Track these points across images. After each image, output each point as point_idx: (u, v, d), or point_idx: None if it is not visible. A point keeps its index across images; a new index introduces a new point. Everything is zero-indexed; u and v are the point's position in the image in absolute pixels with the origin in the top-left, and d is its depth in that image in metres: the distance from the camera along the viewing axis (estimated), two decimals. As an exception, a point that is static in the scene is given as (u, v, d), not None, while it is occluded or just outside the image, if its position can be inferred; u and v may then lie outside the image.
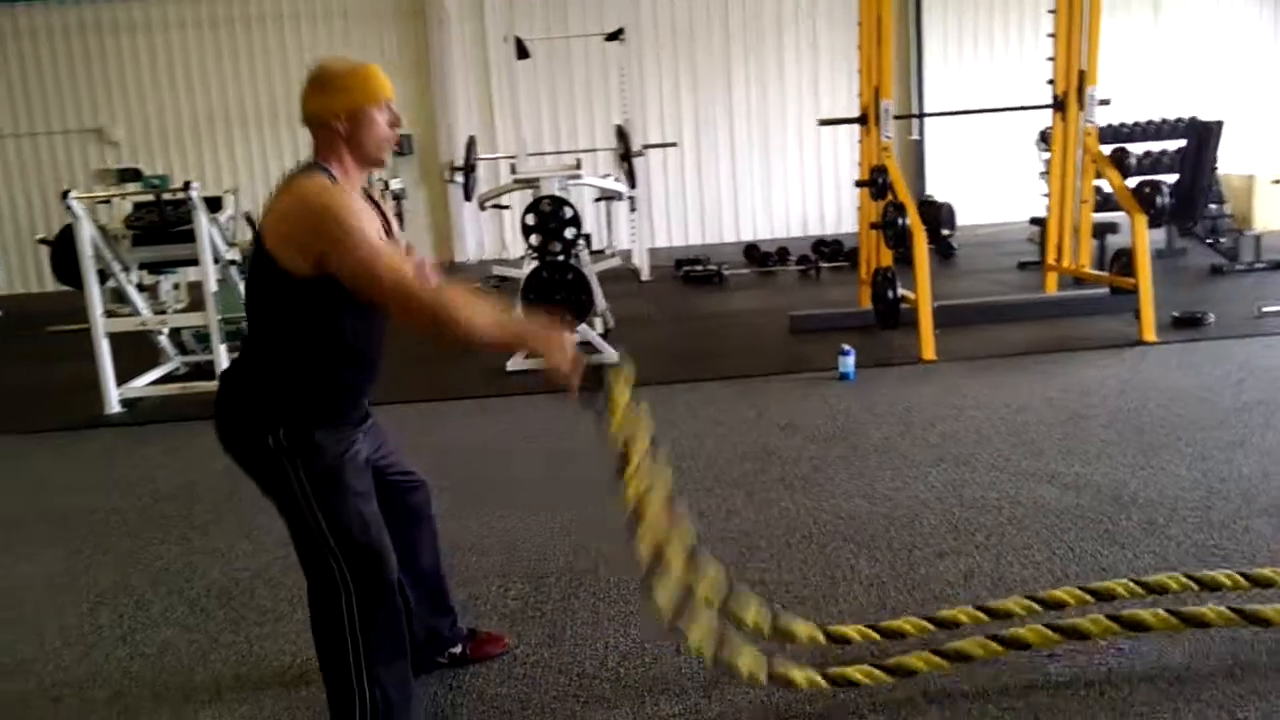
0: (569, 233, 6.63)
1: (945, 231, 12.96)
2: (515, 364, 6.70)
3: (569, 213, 6.62)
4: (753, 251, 12.26)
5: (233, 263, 6.89)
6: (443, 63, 14.61)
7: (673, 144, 13.27)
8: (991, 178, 14.90)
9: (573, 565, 3.52)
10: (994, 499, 3.86)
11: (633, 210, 11.87)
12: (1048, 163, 8.07)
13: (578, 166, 7.16)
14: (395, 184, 11.99)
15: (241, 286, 6.93)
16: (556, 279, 6.57)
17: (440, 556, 2.79)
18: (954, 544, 3.47)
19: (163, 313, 7.88)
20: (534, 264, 6.73)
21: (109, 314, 6.82)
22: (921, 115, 14.93)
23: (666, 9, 15.00)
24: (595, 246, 14.75)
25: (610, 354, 6.74)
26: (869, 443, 4.71)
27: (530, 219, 6.64)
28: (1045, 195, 7.89)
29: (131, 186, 8.32)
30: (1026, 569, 3.23)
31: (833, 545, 3.54)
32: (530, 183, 6.93)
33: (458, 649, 2.87)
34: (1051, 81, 7.40)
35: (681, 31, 15.06)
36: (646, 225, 12.68)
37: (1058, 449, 4.41)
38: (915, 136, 15.28)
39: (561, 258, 6.63)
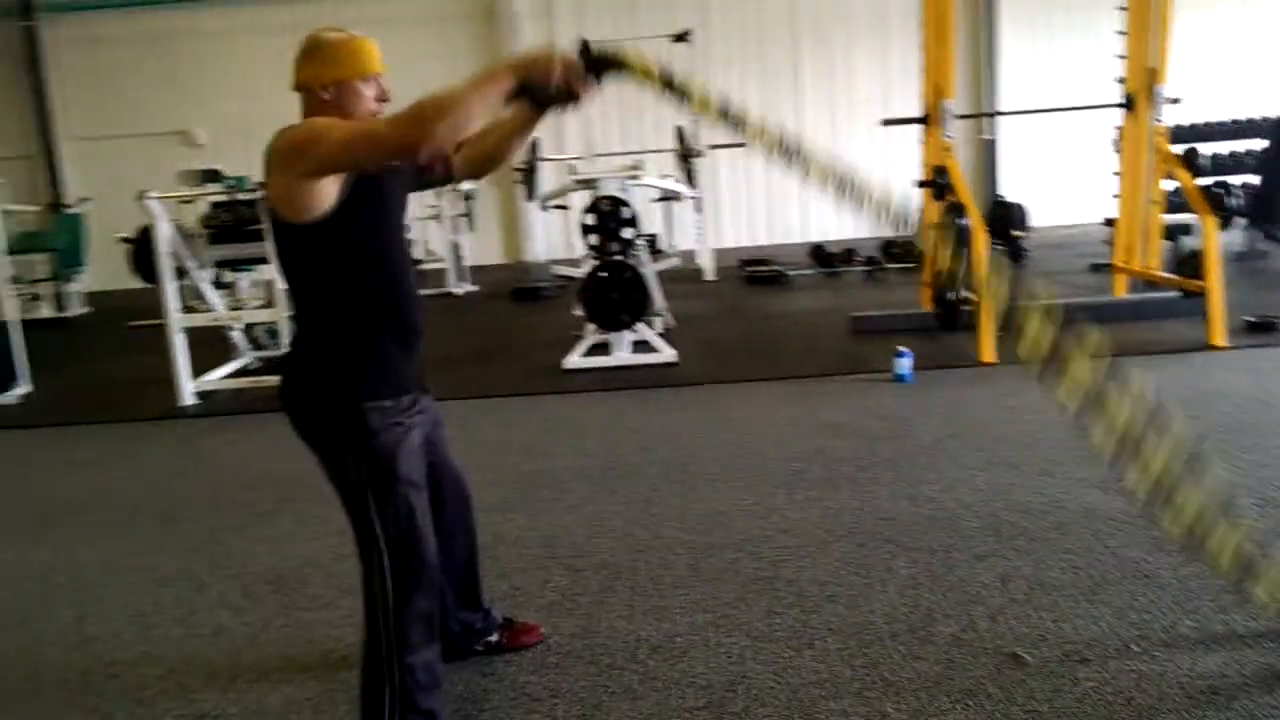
0: (627, 233, 6.70)
1: (1016, 233, 12.79)
2: (572, 362, 6.79)
3: (627, 213, 6.69)
4: (819, 252, 12.22)
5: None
6: (514, 65, 14.80)
7: (740, 144, 13.23)
8: (1069, 177, 14.61)
9: (611, 560, 3.57)
10: (1040, 503, 3.82)
11: (698, 210, 11.91)
12: (1121, 163, 7.90)
13: (637, 167, 7.23)
14: (465, 183, 12.20)
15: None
16: (614, 278, 6.64)
17: (476, 552, 2.86)
18: (994, 547, 3.45)
19: (240, 309, 8.15)
20: (593, 263, 6.82)
21: (189, 309, 7.10)
22: (993, 114, 14.69)
23: (736, 10, 15.00)
24: (661, 247, 14.88)
25: (668, 353, 6.80)
26: (918, 445, 4.68)
27: (589, 219, 6.73)
28: (1115, 196, 7.73)
29: (213, 186, 8.63)
30: (1066, 574, 3.20)
31: (871, 545, 3.54)
32: (589, 183, 7.01)
33: (494, 638, 2.94)
34: (1121, 80, 7.25)
35: (750, 32, 15.06)
36: (712, 225, 12.71)
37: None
38: (988, 136, 15.05)
39: (620, 257, 6.70)
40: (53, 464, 5.57)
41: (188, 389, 6.66)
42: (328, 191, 2.18)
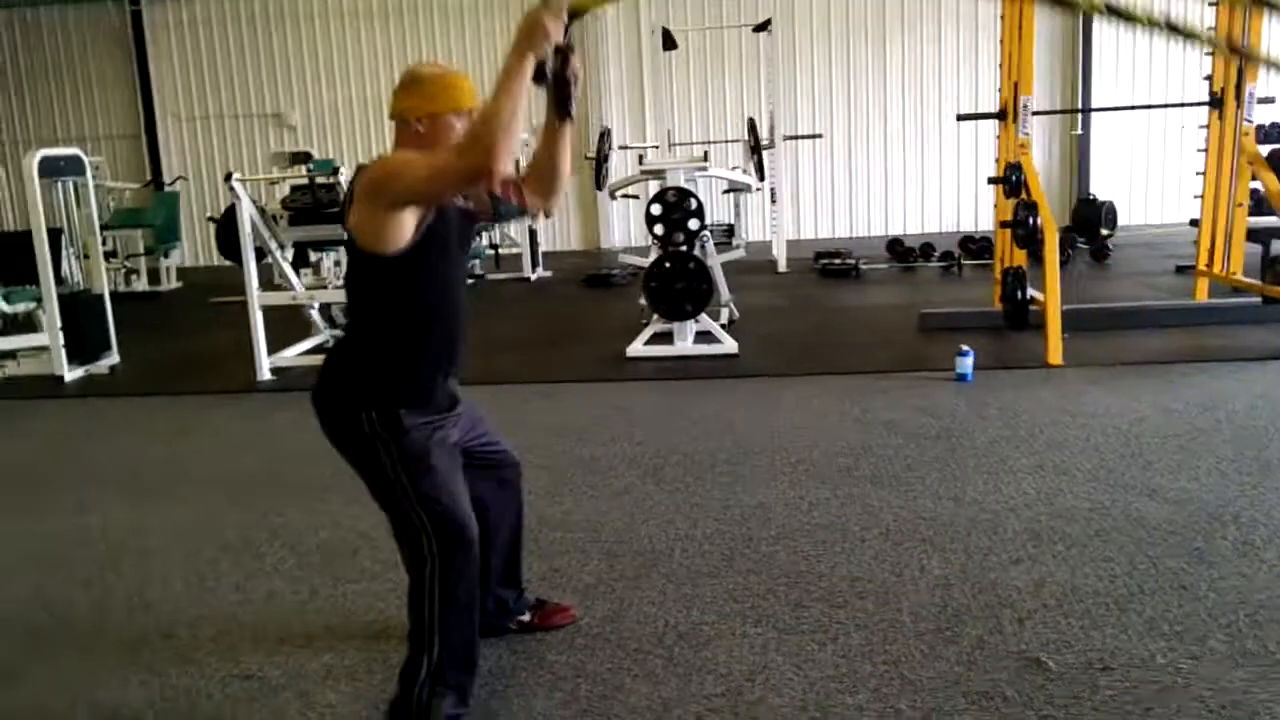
0: (692, 224, 6.74)
1: (1104, 232, 12.46)
2: (635, 350, 6.86)
3: (693, 204, 6.73)
4: (896, 246, 12.08)
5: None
6: (596, 52, 14.92)
7: (818, 135, 13.19)
8: (1163, 176, 14.19)
9: (650, 547, 3.64)
10: (1085, 509, 3.78)
11: (773, 201, 11.88)
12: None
13: (705, 158, 7.26)
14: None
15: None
16: (678, 269, 6.69)
17: (521, 532, 2.96)
18: (1032, 551, 3.43)
19: (323, 288, 8.42)
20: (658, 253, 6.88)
21: (276, 288, 7.36)
22: (1074, 111, 14.30)
23: (823, 2, 14.85)
24: (738, 238, 14.86)
25: (730, 344, 6.83)
26: (970, 445, 4.65)
27: (655, 209, 6.78)
28: (1197, 197, 7.51)
29: (297, 169, 8.96)
30: (1102, 581, 3.17)
31: (908, 544, 3.55)
32: (656, 174, 7.07)
33: (526, 617, 3.04)
34: (1208, 77, 7.03)
35: (837, 22, 14.90)
36: (791, 216, 12.66)
37: (1167, 462, 4.26)
38: (1078, 131, 14.66)
39: (684, 248, 6.74)
40: (134, 432, 5.85)
41: (265, 365, 6.92)
42: (405, 228, 2.30)
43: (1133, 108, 8.46)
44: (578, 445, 4.97)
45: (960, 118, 7.86)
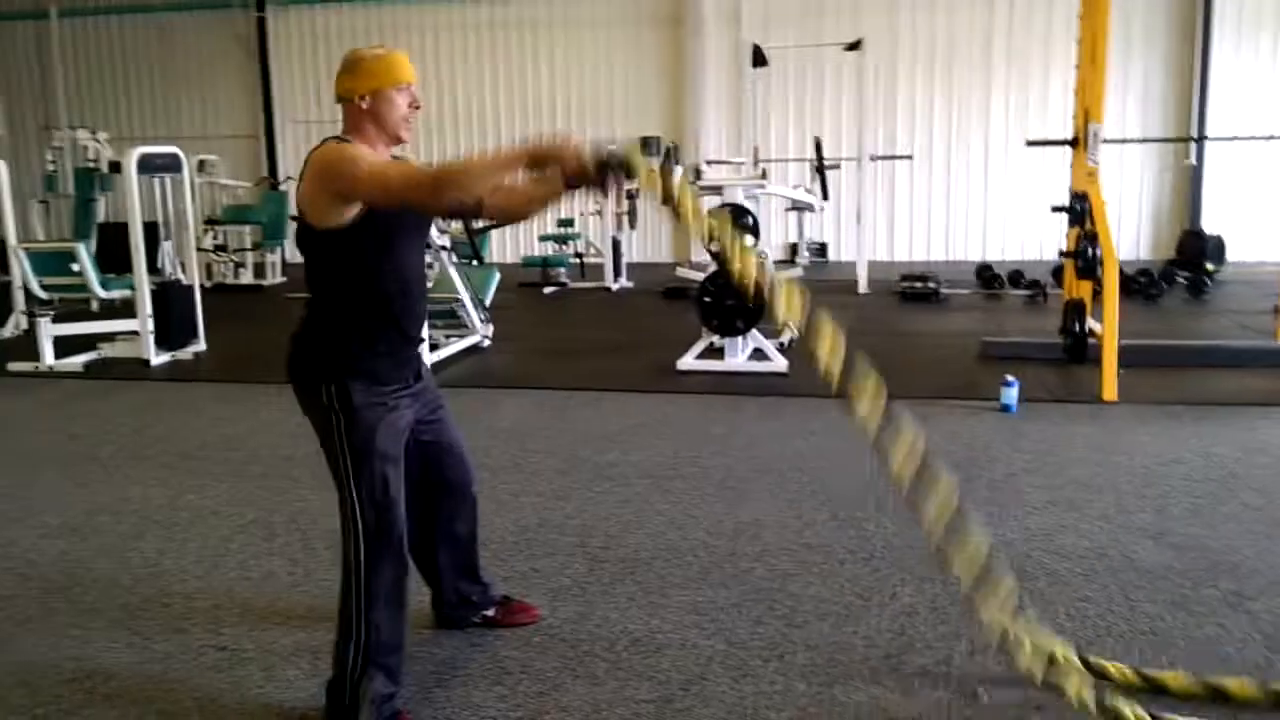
0: (747, 241, 6.77)
1: (1210, 266, 11.97)
2: (685, 364, 6.93)
3: (749, 221, 6.77)
4: (984, 272, 11.84)
5: (443, 248, 7.55)
6: (695, 68, 15.04)
7: (908, 156, 13.00)
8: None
9: (634, 555, 3.72)
10: (1082, 548, 3.70)
11: (858, 222, 11.78)
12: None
13: (763, 176, 7.28)
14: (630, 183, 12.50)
15: (452, 270, 7.63)
16: (730, 285, 6.73)
17: (476, 527, 3.06)
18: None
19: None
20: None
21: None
22: (1200, 139, 13.75)
23: (925, 19, 14.65)
24: (832, 256, 14.75)
25: (780, 362, 6.84)
26: (988, 478, 4.57)
27: (711, 225, 6.83)
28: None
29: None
30: (1071, 621, 3.11)
31: (886, 570, 3.54)
32: (714, 190, 7.13)
33: (490, 613, 3.15)
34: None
35: (942, 42, 14.68)
36: (871, 238, 12.53)
37: (1185, 507, 4.12)
38: (1191, 161, 14.08)
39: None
40: (197, 415, 6.18)
41: (331, 359, 7.20)
42: (349, 209, 2.45)
43: (1245, 138, 8.10)
44: (600, 452, 5.07)
45: (1030, 143, 7.69)
